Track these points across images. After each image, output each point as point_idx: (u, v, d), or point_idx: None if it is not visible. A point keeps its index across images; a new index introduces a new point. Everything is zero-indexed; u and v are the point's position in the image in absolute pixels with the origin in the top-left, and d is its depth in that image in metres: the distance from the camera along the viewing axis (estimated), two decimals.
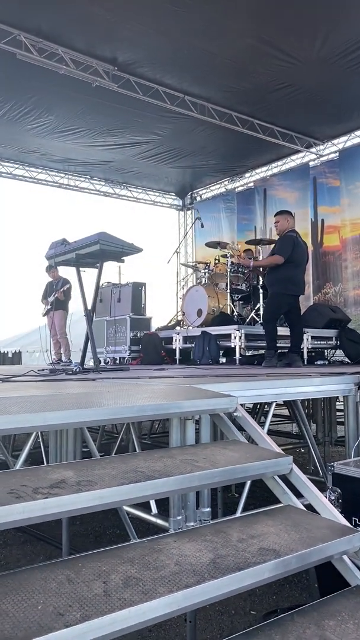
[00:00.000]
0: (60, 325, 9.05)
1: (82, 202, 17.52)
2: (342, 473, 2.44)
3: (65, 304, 9.14)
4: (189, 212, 14.95)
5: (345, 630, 1.52)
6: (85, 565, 1.48)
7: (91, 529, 4.57)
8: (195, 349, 6.86)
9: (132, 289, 8.38)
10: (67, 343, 9.15)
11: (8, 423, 1.71)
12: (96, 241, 4.36)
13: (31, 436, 2.61)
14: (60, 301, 8.97)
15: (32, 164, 12.19)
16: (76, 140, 10.63)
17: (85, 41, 7.43)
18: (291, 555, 1.61)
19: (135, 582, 1.40)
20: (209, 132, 10.12)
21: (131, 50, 7.64)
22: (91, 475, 1.69)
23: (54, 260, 4.89)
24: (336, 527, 1.83)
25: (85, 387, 2.86)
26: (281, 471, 2.03)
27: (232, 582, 1.46)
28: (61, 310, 9.05)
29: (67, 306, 9.20)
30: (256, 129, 9.91)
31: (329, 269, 11.03)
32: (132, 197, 14.21)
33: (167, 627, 2.96)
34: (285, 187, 11.95)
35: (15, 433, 1.93)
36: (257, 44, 7.24)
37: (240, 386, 2.68)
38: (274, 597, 3.34)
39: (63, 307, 9.11)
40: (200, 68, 8.00)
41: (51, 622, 1.20)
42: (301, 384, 3.06)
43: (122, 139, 10.58)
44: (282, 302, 5.93)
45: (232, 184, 13.46)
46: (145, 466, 1.82)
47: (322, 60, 7.63)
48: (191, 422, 2.36)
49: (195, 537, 1.70)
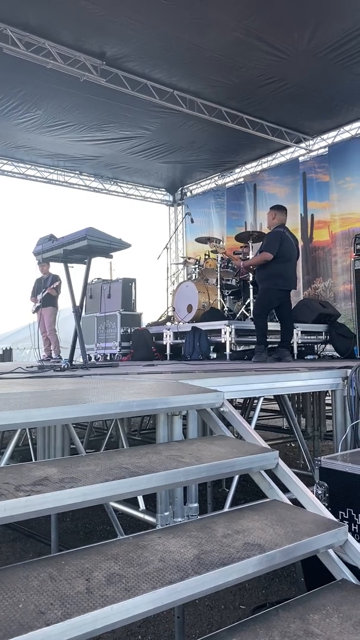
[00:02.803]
0: (50, 322, 9.04)
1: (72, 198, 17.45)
2: (328, 467, 2.44)
3: (55, 301, 9.11)
4: (179, 208, 14.92)
5: (329, 624, 1.52)
6: (68, 563, 1.47)
7: (81, 525, 4.56)
8: (186, 345, 6.86)
9: (122, 285, 8.36)
10: (57, 340, 9.13)
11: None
12: (84, 237, 4.33)
13: (16, 433, 2.59)
14: (50, 298, 8.93)
15: (21, 159, 12.11)
16: (65, 135, 10.57)
17: (73, 35, 7.37)
18: (276, 550, 1.60)
19: (119, 579, 1.39)
20: (198, 127, 10.10)
21: (119, 45, 7.59)
22: (75, 472, 1.68)
23: (41, 257, 4.86)
24: (322, 521, 1.83)
25: (72, 384, 2.84)
26: (267, 466, 2.03)
27: (216, 578, 1.45)
28: (51, 307, 9.04)
29: (56, 303, 9.17)
30: (245, 124, 9.90)
31: (319, 264, 11.05)
32: (122, 193, 14.16)
33: (157, 623, 2.96)
34: (275, 183, 11.95)
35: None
36: (245, 38, 7.21)
37: (228, 381, 2.68)
38: (263, 592, 3.35)
39: (53, 304, 9.09)
40: (189, 62, 7.96)
41: (32, 620, 1.19)
42: (289, 379, 3.06)
43: (111, 133, 10.53)
44: (272, 298, 5.94)
45: (222, 179, 13.45)
46: (130, 462, 1.81)
47: (310, 54, 7.62)
48: (178, 417, 2.35)
49: (180, 533, 1.69)
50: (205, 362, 6.17)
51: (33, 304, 9.23)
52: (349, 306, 10.12)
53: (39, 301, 9.03)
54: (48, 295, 8.93)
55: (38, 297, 9.08)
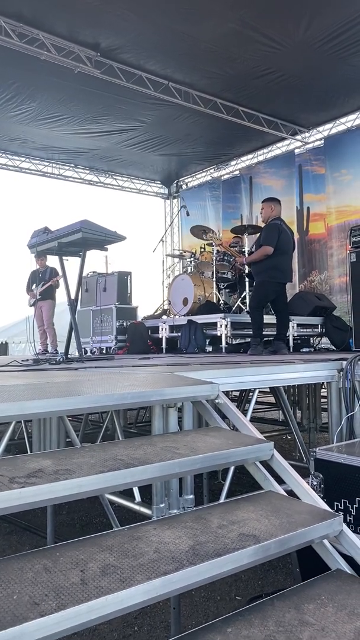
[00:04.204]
0: (48, 316, 8.96)
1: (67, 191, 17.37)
2: (323, 458, 2.45)
3: (53, 294, 9.02)
4: (175, 201, 14.86)
5: (324, 613, 1.53)
6: (63, 554, 1.47)
7: (77, 518, 4.57)
8: (182, 338, 6.85)
9: (118, 278, 8.34)
10: (54, 334, 9.07)
11: None
12: (78, 229, 4.31)
13: (10, 426, 2.58)
14: (50, 291, 8.83)
15: (15, 152, 12.02)
16: (60, 128, 10.50)
17: (67, 26, 7.30)
18: (271, 541, 1.61)
19: (113, 570, 1.39)
20: (193, 119, 10.05)
21: (114, 36, 7.52)
22: (69, 464, 1.67)
23: (36, 249, 4.83)
24: (317, 512, 1.83)
25: (67, 377, 2.83)
26: (262, 457, 2.03)
27: (211, 568, 1.46)
28: (50, 300, 8.93)
29: (55, 296, 9.08)
30: (241, 116, 9.85)
31: (315, 257, 11.05)
32: (118, 186, 14.10)
33: (153, 614, 2.98)
34: (270, 175, 11.91)
35: None
36: (240, 29, 7.15)
37: (223, 373, 2.68)
38: (259, 582, 3.37)
39: (51, 297, 8.99)
40: (184, 54, 7.91)
41: (26, 611, 1.19)
42: (284, 371, 3.06)
43: (106, 126, 10.47)
44: (269, 290, 5.93)
45: (218, 172, 13.40)
46: (125, 454, 1.80)
47: (306, 45, 7.57)
48: (173, 409, 2.35)
49: (176, 524, 1.69)
50: (201, 355, 6.17)
51: (30, 297, 9.12)
52: (344, 299, 10.12)
53: (37, 294, 8.93)
54: (48, 288, 8.83)
55: (35, 290, 8.97)
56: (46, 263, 8.98)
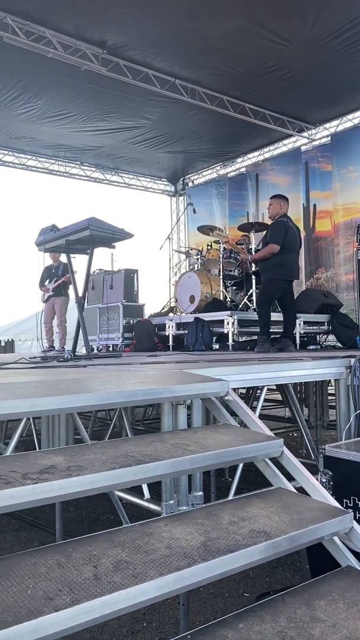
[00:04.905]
0: (62, 312, 8.87)
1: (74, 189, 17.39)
2: (333, 455, 2.45)
3: (67, 291, 8.91)
4: (181, 198, 14.85)
5: (335, 610, 1.53)
6: (75, 550, 1.48)
7: (85, 514, 4.59)
8: (189, 335, 6.85)
9: (125, 276, 8.34)
10: (66, 331, 9.01)
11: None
12: (86, 227, 4.32)
13: (21, 422, 2.60)
14: (64, 287, 8.75)
15: (22, 150, 12.04)
16: (66, 126, 10.51)
17: (74, 24, 7.30)
18: (282, 537, 1.61)
19: (126, 566, 1.40)
20: (200, 116, 10.03)
21: (120, 33, 7.52)
22: (81, 461, 1.68)
23: (43, 247, 4.84)
24: (327, 508, 1.83)
25: (76, 374, 2.84)
26: (272, 454, 2.03)
27: (222, 564, 1.46)
28: (63, 297, 8.83)
29: (68, 293, 8.95)
30: (247, 113, 9.83)
31: (321, 254, 11.02)
32: (124, 183, 14.10)
33: (161, 610, 2.99)
34: (277, 172, 11.88)
35: (4, 419, 1.91)
36: (246, 25, 7.13)
37: (232, 370, 2.68)
38: (267, 579, 3.37)
39: (65, 294, 8.89)
40: (190, 51, 7.89)
41: (40, 606, 1.20)
42: (293, 368, 3.06)
43: (113, 123, 10.47)
44: (276, 288, 5.92)
45: (224, 169, 13.37)
46: (136, 451, 1.81)
47: (313, 41, 7.54)
48: (183, 406, 2.36)
49: (187, 520, 1.70)
50: (208, 352, 6.17)
51: (43, 293, 9.00)
52: (351, 296, 10.10)
53: (50, 290, 8.86)
54: (61, 284, 8.75)
55: (49, 286, 8.88)
56: (59, 258, 8.85)
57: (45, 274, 8.92)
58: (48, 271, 8.90)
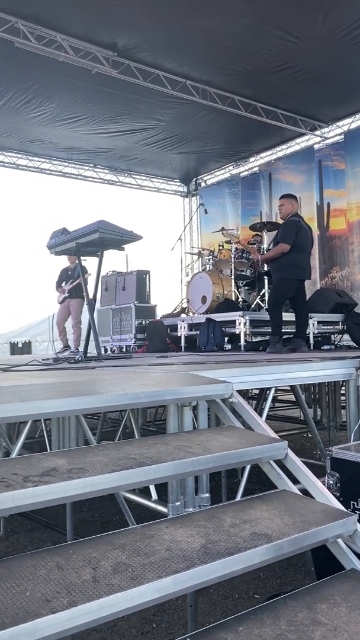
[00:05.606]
0: (77, 314, 8.93)
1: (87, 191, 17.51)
2: (340, 457, 2.43)
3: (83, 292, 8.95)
4: (193, 199, 14.84)
5: (337, 613, 1.52)
6: (75, 552, 1.49)
7: (98, 515, 4.61)
8: (200, 336, 6.85)
9: (137, 277, 8.37)
10: (80, 332, 9.06)
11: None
12: (95, 229, 4.34)
13: (27, 425, 2.62)
14: (78, 289, 8.80)
15: (36, 153, 12.15)
16: (78, 128, 10.57)
17: (84, 27, 7.35)
18: (283, 540, 1.61)
19: (125, 568, 1.40)
20: (211, 116, 10.01)
21: (130, 35, 7.54)
22: (83, 463, 1.70)
23: (54, 250, 4.88)
24: (330, 511, 1.82)
25: (83, 376, 2.86)
26: (276, 456, 2.03)
27: (221, 567, 1.46)
28: (79, 299, 8.91)
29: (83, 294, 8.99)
30: (259, 113, 9.78)
31: (336, 253, 10.93)
32: (136, 185, 14.14)
33: (171, 611, 3.00)
34: (290, 171, 11.81)
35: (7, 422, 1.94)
36: (256, 23, 7.08)
37: (238, 372, 2.67)
38: (278, 581, 3.36)
39: (81, 296, 8.96)
40: (200, 51, 7.88)
41: (38, 608, 1.21)
42: (301, 369, 3.04)
43: (125, 125, 10.51)
44: (288, 288, 5.89)
45: (237, 168, 13.34)
46: (138, 453, 1.82)
47: (324, 37, 7.45)
48: (188, 408, 2.36)
49: (188, 522, 1.70)
50: (219, 353, 6.16)
51: (59, 295, 9.07)
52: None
53: (66, 292, 8.94)
54: (77, 286, 8.81)
55: (65, 287, 8.96)
56: (76, 260, 8.91)
57: (62, 275, 9.04)
58: (64, 273, 9.02)
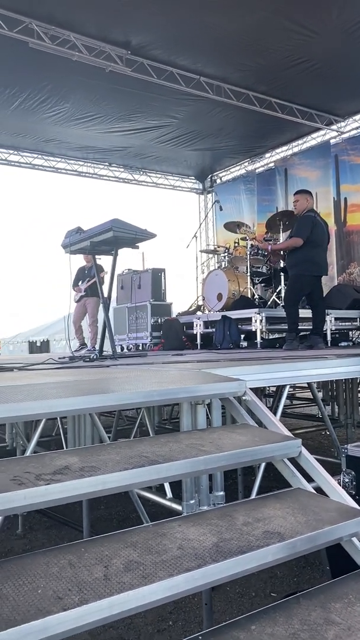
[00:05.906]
0: (93, 312, 8.98)
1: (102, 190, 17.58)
2: (356, 455, 2.41)
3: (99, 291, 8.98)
4: (209, 196, 14.80)
5: (351, 612, 1.50)
6: (88, 550, 1.49)
7: (115, 513, 4.63)
8: (216, 334, 6.84)
9: (152, 275, 8.38)
10: (97, 330, 9.11)
11: (11, 411, 1.73)
12: (109, 228, 4.36)
13: (41, 423, 2.64)
14: (95, 288, 8.84)
15: (51, 153, 12.23)
16: (93, 127, 10.62)
17: (97, 26, 7.37)
18: (296, 538, 1.59)
19: (136, 566, 1.41)
20: (226, 113, 9.97)
21: (143, 32, 7.54)
22: (95, 461, 1.70)
23: (69, 249, 4.91)
24: (345, 509, 1.80)
25: (97, 374, 2.87)
26: (290, 454, 2.01)
27: (233, 566, 1.45)
28: (96, 298, 8.94)
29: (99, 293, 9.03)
30: (274, 108, 9.71)
31: (353, 249, 10.81)
32: (152, 183, 14.15)
33: (187, 609, 3.00)
34: (306, 166, 11.71)
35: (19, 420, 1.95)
36: (270, 17, 7.01)
37: (252, 370, 2.66)
38: (295, 580, 3.34)
39: (97, 294, 9.00)
40: (214, 47, 7.84)
41: (49, 605, 1.22)
42: (315, 367, 3.02)
43: (139, 123, 10.52)
44: (304, 284, 5.84)
45: (252, 165, 13.27)
46: (151, 451, 1.82)
47: (339, 30, 7.36)
48: (202, 406, 2.35)
49: (201, 521, 1.70)
50: (235, 350, 6.14)
51: (76, 294, 9.09)
52: None
53: (83, 290, 8.99)
54: (94, 285, 8.85)
55: (82, 286, 9.02)
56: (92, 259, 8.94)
57: (79, 274, 9.08)
58: (81, 272, 9.06)
